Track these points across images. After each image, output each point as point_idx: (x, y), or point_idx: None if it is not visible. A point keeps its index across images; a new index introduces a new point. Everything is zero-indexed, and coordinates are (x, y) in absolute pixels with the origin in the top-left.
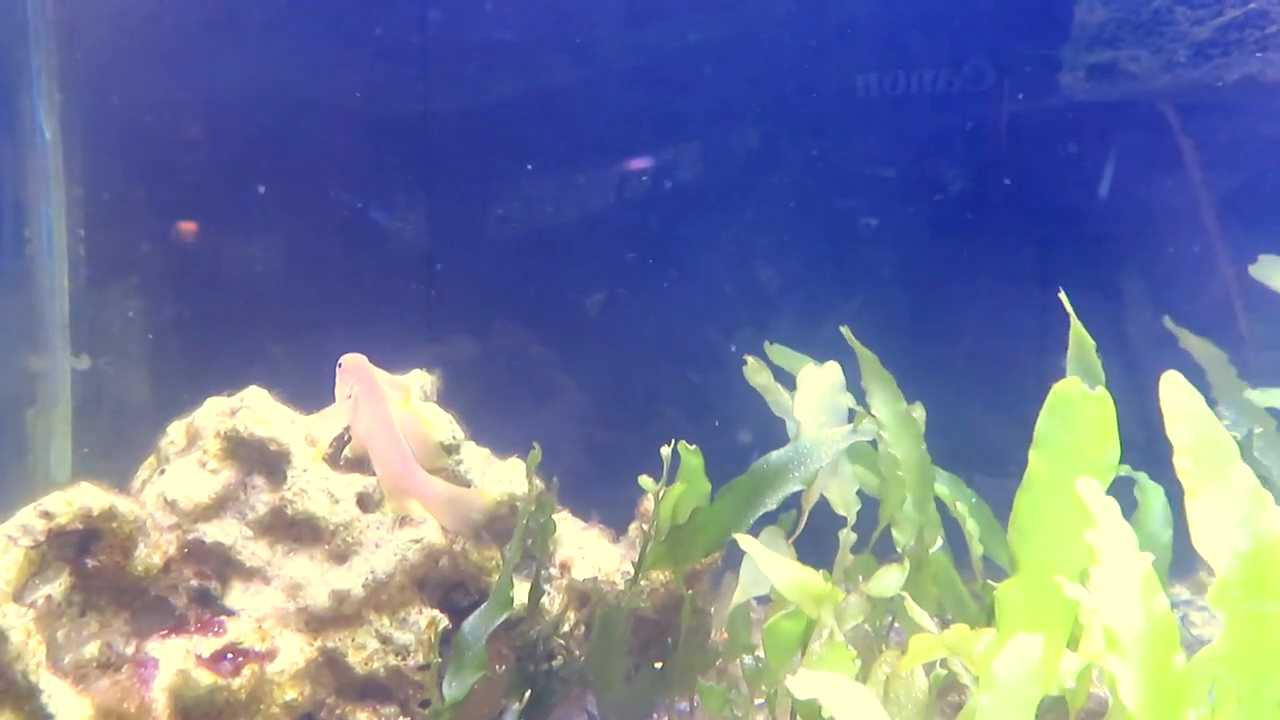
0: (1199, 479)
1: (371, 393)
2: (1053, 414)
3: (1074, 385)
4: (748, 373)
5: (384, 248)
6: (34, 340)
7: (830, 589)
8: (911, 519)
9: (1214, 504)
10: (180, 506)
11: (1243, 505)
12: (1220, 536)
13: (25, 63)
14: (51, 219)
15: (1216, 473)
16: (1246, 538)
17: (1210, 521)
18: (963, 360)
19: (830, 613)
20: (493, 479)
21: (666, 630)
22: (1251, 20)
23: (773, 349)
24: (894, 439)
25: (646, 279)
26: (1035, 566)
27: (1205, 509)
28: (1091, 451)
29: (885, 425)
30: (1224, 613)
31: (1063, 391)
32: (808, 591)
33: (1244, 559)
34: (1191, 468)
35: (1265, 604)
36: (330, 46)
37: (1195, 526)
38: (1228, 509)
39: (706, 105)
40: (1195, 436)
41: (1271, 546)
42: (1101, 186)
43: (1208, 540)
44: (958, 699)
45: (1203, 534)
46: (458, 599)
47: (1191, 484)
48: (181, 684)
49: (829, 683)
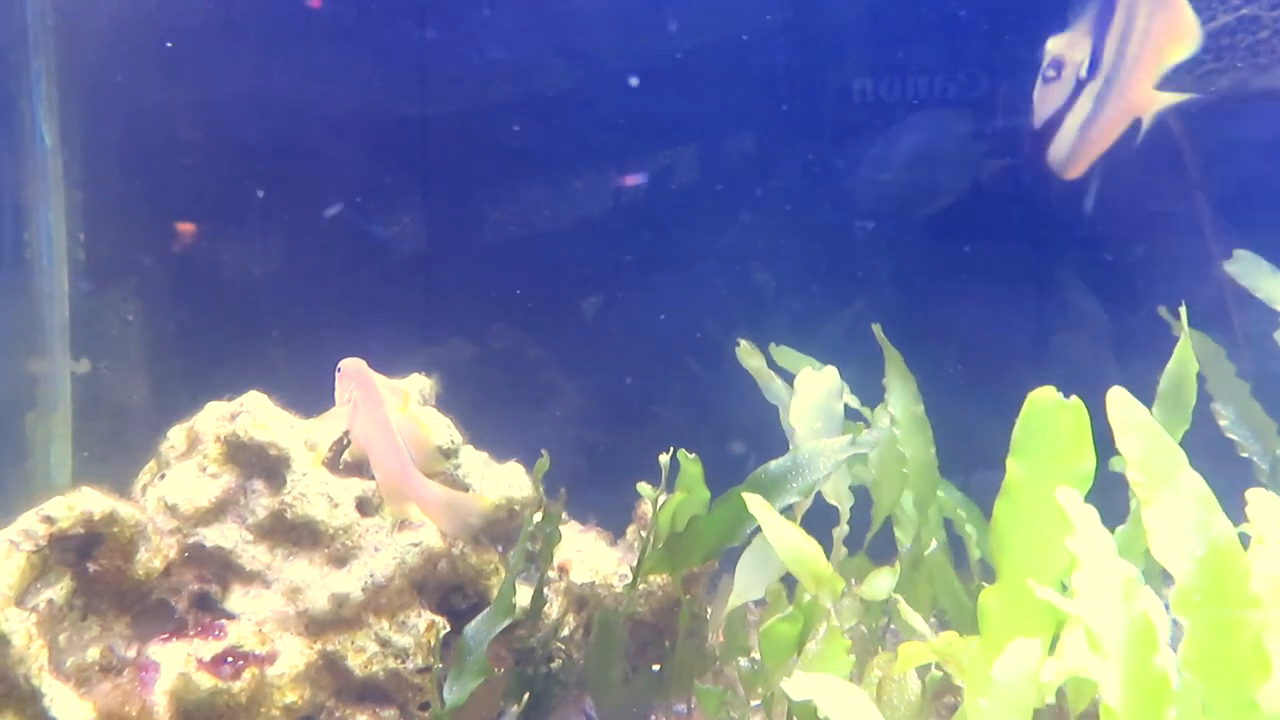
0: (1151, 489)
1: (370, 397)
2: (1028, 423)
3: (1049, 395)
4: (740, 354)
5: (382, 252)
6: (34, 344)
7: (831, 573)
8: (912, 519)
9: (1167, 512)
10: (181, 511)
11: (1195, 512)
12: (1176, 543)
13: (25, 67)
14: (51, 223)
15: (1167, 481)
16: (1201, 543)
17: (1166, 529)
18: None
19: (828, 598)
20: (491, 483)
21: (664, 633)
22: (1244, 25)
23: (777, 350)
24: (905, 438)
25: (643, 282)
26: (1015, 574)
27: (1160, 517)
28: (1068, 460)
29: (899, 423)
30: (1185, 618)
31: (1038, 401)
32: (811, 568)
33: (1200, 564)
34: (1143, 478)
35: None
36: (329, 52)
37: (1153, 535)
38: (1181, 516)
39: (704, 109)
40: (1144, 448)
41: (1224, 550)
42: (1096, 190)
43: (1165, 548)
44: (952, 700)
45: (1160, 542)
46: (456, 602)
47: (1145, 494)
48: (182, 687)
49: (824, 685)
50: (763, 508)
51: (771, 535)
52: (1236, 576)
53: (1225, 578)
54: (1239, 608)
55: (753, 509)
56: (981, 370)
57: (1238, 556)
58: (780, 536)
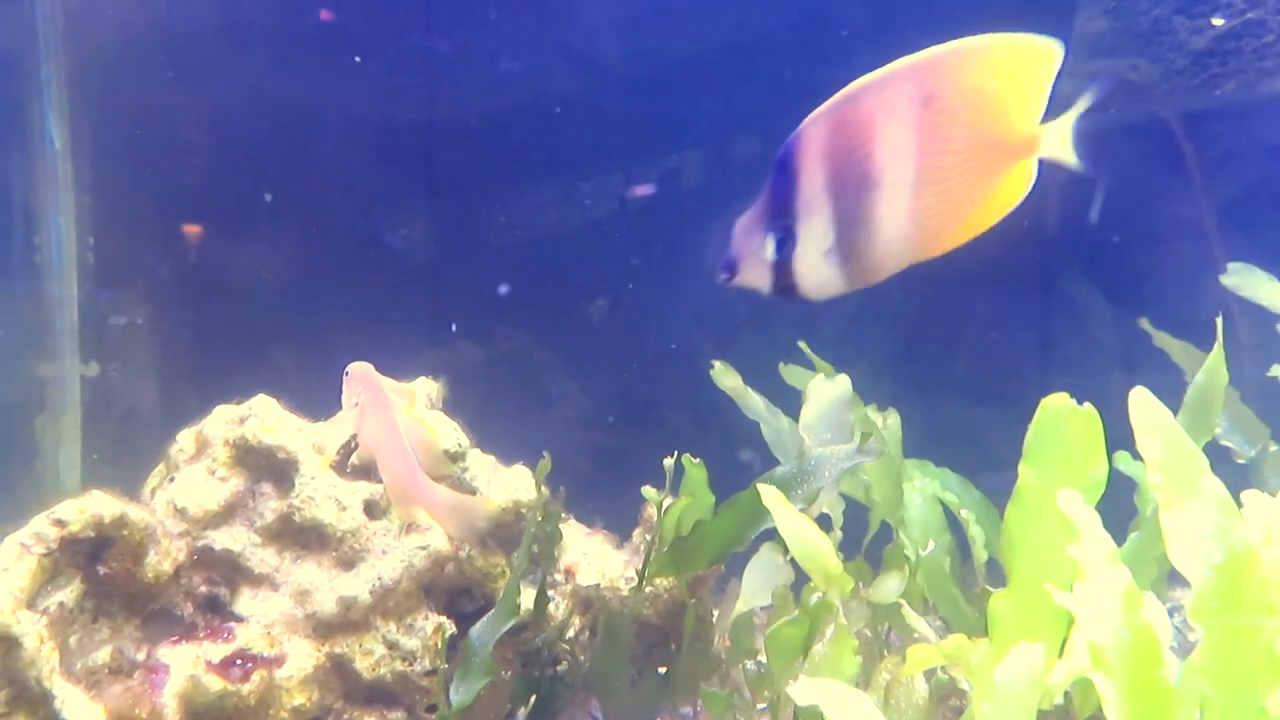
0: (1172, 493)
1: (378, 400)
2: (1041, 429)
3: (1062, 401)
4: (715, 376)
5: (389, 255)
6: (44, 347)
7: (841, 571)
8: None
9: (1187, 517)
10: (190, 514)
11: (1214, 517)
12: (1195, 549)
13: (35, 73)
14: (61, 227)
15: (1188, 486)
16: (1219, 550)
17: (1184, 535)
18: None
19: (837, 596)
20: (498, 486)
21: (670, 635)
22: (1250, 29)
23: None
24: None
25: (650, 286)
26: (1026, 578)
27: (1179, 522)
28: (1080, 466)
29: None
30: (1202, 625)
31: (1051, 407)
32: (822, 564)
33: (1218, 570)
34: (1163, 482)
35: (1241, 616)
36: (336, 56)
37: (1171, 540)
38: (1200, 522)
39: (710, 112)
40: (1165, 451)
41: (1243, 558)
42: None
43: (1183, 553)
44: (958, 703)
45: (1178, 548)
46: (463, 605)
47: (1165, 498)
48: (192, 689)
49: (830, 690)
50: (778, 501)
51: (785, 529)
52: (1255, 584)
53: (1243, 585)
54: (1257, 614)
55: (768, 502)
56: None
57: (1257, 564)
58: (794, 531)
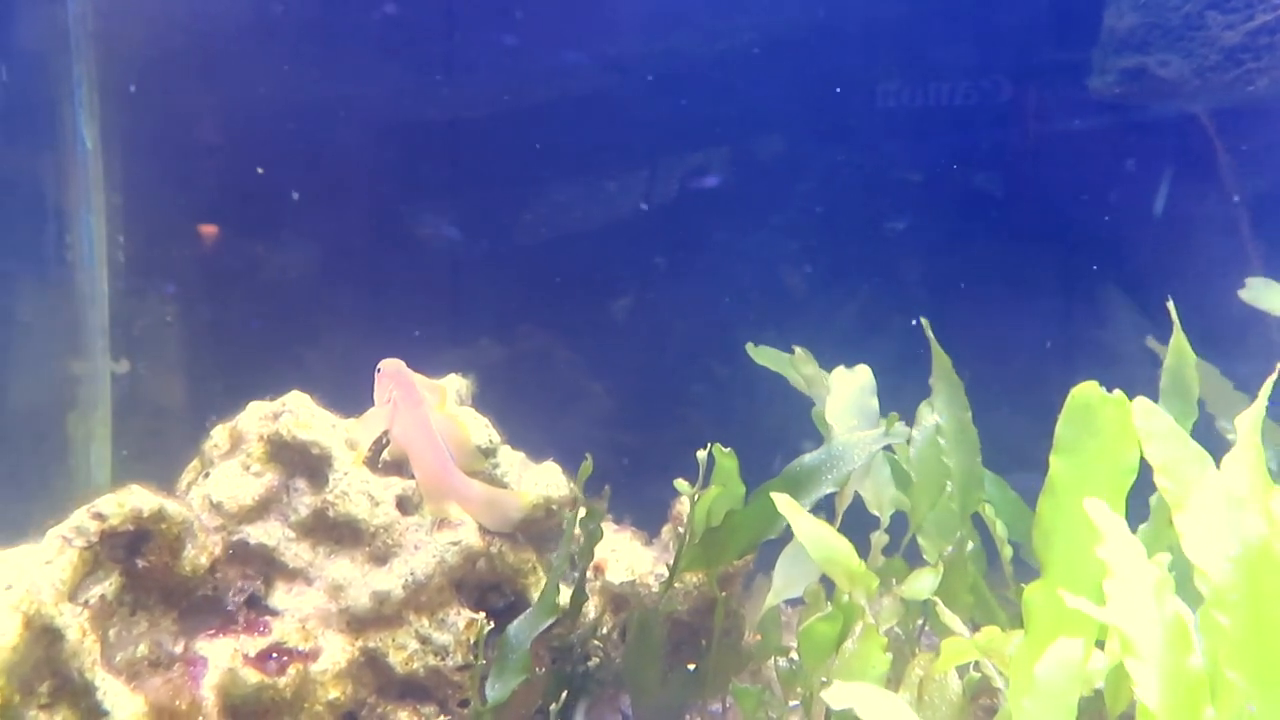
0: (1180, 493)
1: (410, 397)
2: (1072, 418)
3: (1092, 390)
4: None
5: (416, 252)
6: (75, 345)
7: (864, 570)
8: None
9: (1198, 514)
10: (225, 508)
11: (1225, 511)
12: (1209, 544)
13: (66, 73)
14: (92, 226)
15: (1195, 484)
16: (1234, 541)
17: (1198, 531)
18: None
19: (863, 595)
20: (529, 482)
21: (699, 632)
22: None
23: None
24: (951, 447)
25: (673, 283)
26: (1060, 569)
27: (1190, 520)
28: (1113, 454)
29: (944, 432)
30: (1225, 617)
31: (1081, 396)
32: (843, 565)
33: (1235, 562)
34: (1171, 484)
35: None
36: (362, 55)
37: (1185, 538)
38: (1212, 517)
39: (734, 111)
40: (1170, 454)
41: (1259, 548)
42: (1132, 192)
43: (1198, 549)
44: (989, 702)
45: (1193, 544)
46: (493, 600)
47: (1175, 499)
48: (230, 682)
49: (864, 694)
50: (791, 507)
51: (801, 533)
52: (1274, 570)
53: (1262, 573)
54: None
55: (781, 509)
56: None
57: (1273, 551)
58: (810, 534)
